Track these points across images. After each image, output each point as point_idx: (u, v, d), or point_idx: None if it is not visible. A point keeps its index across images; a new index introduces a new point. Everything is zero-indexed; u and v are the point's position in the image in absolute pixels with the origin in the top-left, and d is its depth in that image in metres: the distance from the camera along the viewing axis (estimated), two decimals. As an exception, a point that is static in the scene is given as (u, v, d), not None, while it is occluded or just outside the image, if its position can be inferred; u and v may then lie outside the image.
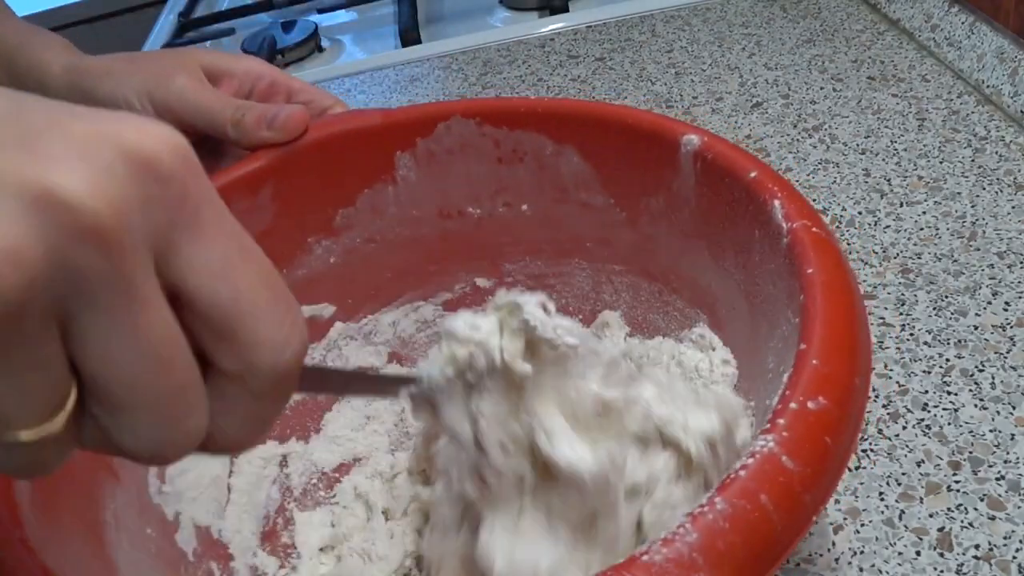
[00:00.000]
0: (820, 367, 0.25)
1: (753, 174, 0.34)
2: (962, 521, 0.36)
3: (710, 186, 0.37)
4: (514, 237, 0.45)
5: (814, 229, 0.31)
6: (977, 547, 0.35)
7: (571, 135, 0.42)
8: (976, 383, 0.42)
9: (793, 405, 0.24)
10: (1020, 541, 0.35)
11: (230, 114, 0.41)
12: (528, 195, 0.44)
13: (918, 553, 0.35)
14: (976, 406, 0.41)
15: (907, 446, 0.40)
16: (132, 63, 0.42)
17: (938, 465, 0.39)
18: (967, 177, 0.55)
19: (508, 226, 0.45)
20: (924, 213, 0.53)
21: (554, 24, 0.83)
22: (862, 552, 0.36)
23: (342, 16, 0.99)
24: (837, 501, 0.38)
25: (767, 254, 0.33)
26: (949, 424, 0.40)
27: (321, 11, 0.97)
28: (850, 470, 0.39)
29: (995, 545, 0.35)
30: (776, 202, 0.32)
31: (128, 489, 0.33)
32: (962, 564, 0.35)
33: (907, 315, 0.46)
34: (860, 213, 0.54)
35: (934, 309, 0.46)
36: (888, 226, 0.52)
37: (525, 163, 0.43)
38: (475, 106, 0.43)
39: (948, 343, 0.44)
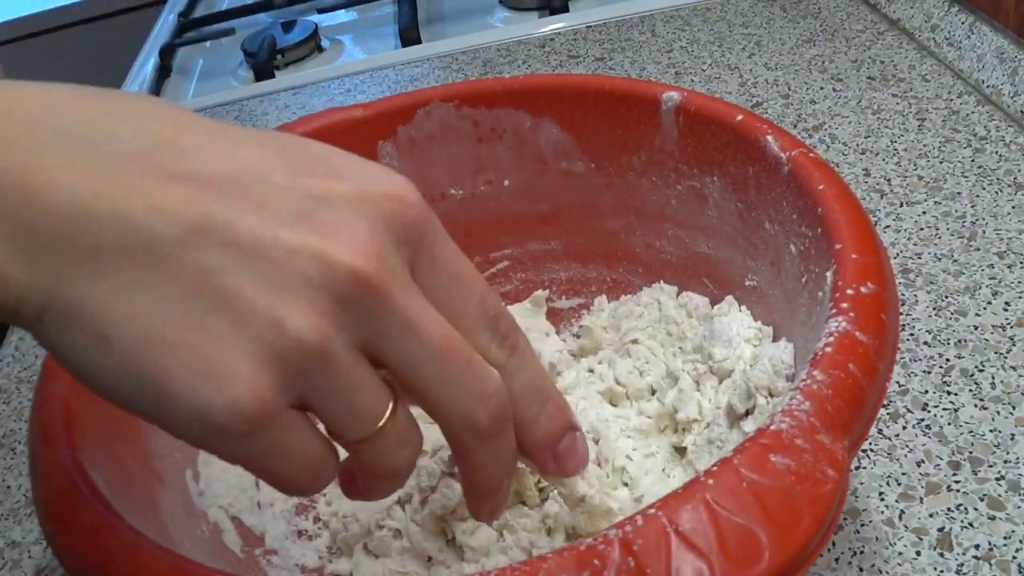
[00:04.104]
0: (859, 259, 0.29)
1: (739, 117, 0.37)
2: (962, 521, 0.36)
3: (694, 137, 0.39)
4: (497, 214, 0.46)
5: (811, 155, 0.34)
6: (977, 547, 0.35)
7: (549, 108, 0.43)
8: (976, 383, 0.42)
9: (850, 291, 0.27)
10: (1020, 541, 0.35)
11: None
12: (509, 171, 0.45)
13: (918, 553, 0.35)
14: (976, 406, 0.41)
15: (907, 446, 0.40)
16: None
17: (938, 465, 0.39)
18: (967, 177, 0.55)
19: (491, 204, 0.46)
20: (924, 213, 0.53)
21: (554, 24, 0.83)
22: (862, 552, 0.36)
23: (342, 16, 0.99)
24: (837, 501, 0.38)
25: (765, 186, 0.36)
26: (949, 424, 0.40)
27: (321, 11, 0.97)
28: (850, 470, 0.39)
29: (995, 545, 0.35)
30: (769, 137, 0.35)
31: (173, 492, 0.34)
32: (962, 564, 0.35)
33: (907, 315, 0.46)
34: (860, 213, 0.54)
35: (934, 309, 0.46)
36: (888, 226, 0.52)
37: (504, 140, 0.44)
38: (453, 90, 0.44)
39: (948, 343, 0.44)
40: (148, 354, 0.20)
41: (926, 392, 0.42)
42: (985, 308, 0.46)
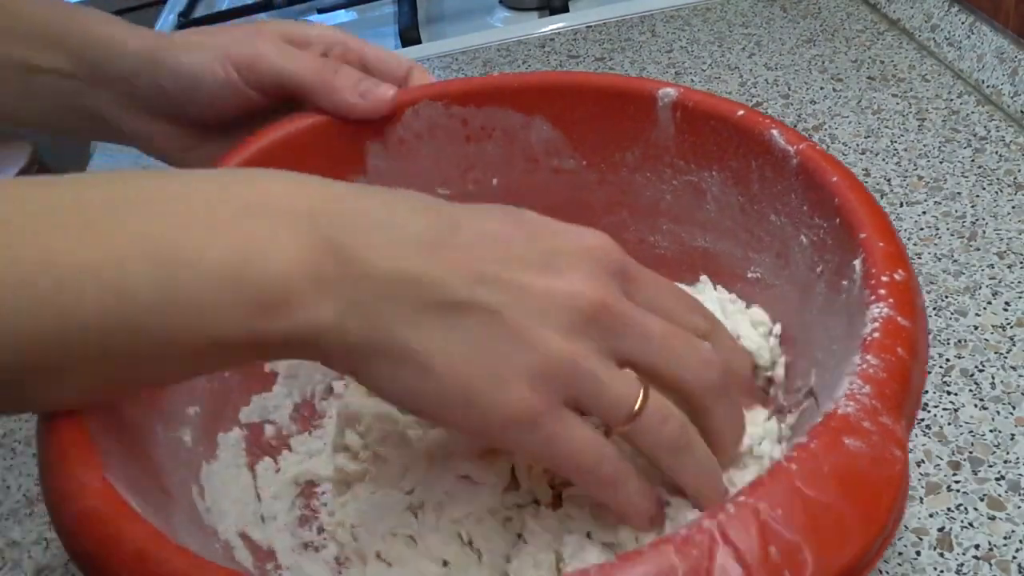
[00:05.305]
0: (886, 247, 0.29)
1: (741, 112, 0.37)
2: (962, 521, 0.36)
3: (692, 132, 0.39)
4: None
5: (818, 147, 0.34)
6: (977, 547, 0.35)
7: (540, 106, 0.43)
8: (976, 383, 0.42)
9: (884, 278, 0.28)
10: (1020, 541, 0.35)
11: (316, 75, 0.41)
12: (498, 169, 0.45)
13: (918, 553, 0.35)
14: (976, 406, 0.41)
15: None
16: (210, 35, 0.42)
17: (938, 465, 0.39)
18: (967, 177, 0.55)
19: (479, 203, 0.45)
20: (924, 213, 0.53)
21: (554, 24, 0.83)
22: (862, 552, 0.36)
23: (342, 16, 0.99)
24: (837, 501, 0.38)
25: (770, 179, 0.36)
26: (949, 424, 0.40)
27: (321, 11, 0.97)
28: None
29: (995, 545, 0.35)
30: (774, 131, 0.35)
31: (182, 509, 0.33)
32: (962, 564, 0.35)
33: (907, 315, 0.46)
34: (860, 213, 0.54)
35: (934, 309, 0.46)
36: (888, 226, 0.52)
37: (494, 139, 0.44)
38: (442, 88, 0.44)
39: (948, 343, 0.44)
40: (460, 377, 0.27)
41: (926, 392, 0.42)
42: (985, 308, 0.46)
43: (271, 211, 0.26)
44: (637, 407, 0.28)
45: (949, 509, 0.37)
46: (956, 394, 0.42)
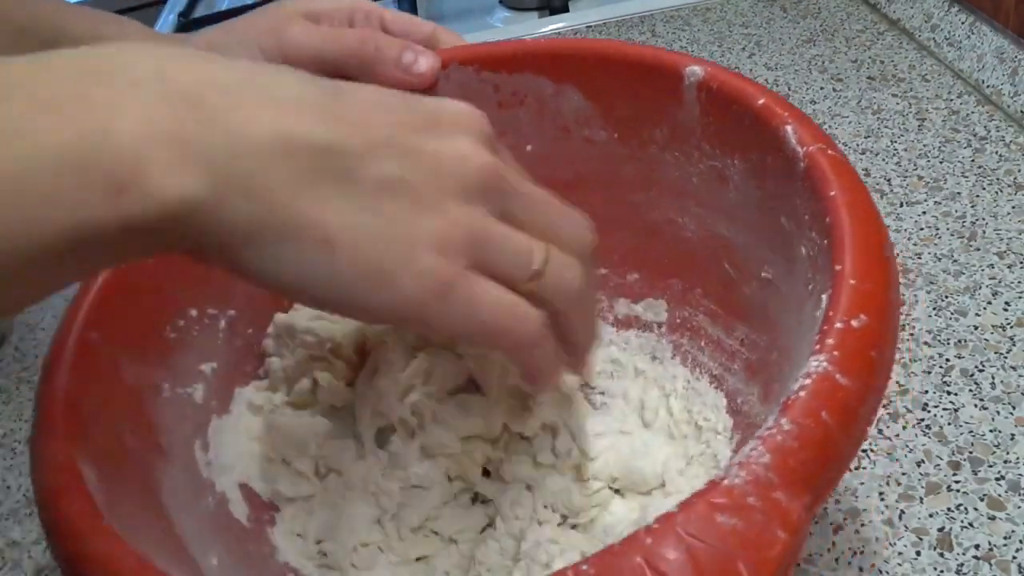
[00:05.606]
0: (858, 285, 0.26)
1: (761, 100, 0.35)
2: (962, 521, 0.36)
3: (716, 116, 0.37)
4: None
5: (829, 152, 0.31)
6: (977, 547, 0.35)
7: (571, 74, 0.42)
8: (976, 383, 0.42)
9: (839, 325, 0.25)
10: (1020, 541, 0.35)
11: (358, 49, 0.40)
12: (530, 136, 0.44)
13: (918, 553, 0.35)
14: (976, 406, 0.41)
15: (907, 446, 0.40)
16: (232, 32, 0.41)
17: (938, 465, 0.39)
18: (967, 177, 0.55)
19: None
20: (924, 213, 0.53)
21: (554, 24, 0.83)
22: (862, 552, 0.36)
23: (342, 16, 0.99)
24: (837, 501, 0.38)
25: (781, 179, 0.34)
26: (949, 424, 0.40)
27: (321, 11, 0.97)
28: (850, 470, 0.39)
29: (995, 545, 0.35)
30: (788, 127, 0.33)
31: (178, 466, 0.33)
32: (962, 564, 0.35)
33: (907, 315, 0.46)
34: (860, 213, 0.54)
35: (934, 309, 0.46)
36: (888, 226, 0.52)
37: (526, 105, 0.43)
38: (473, 52, 0.43)
39: (948, 343, 0.44)
40: (370, 252, 0.25)
41: (926, 392, 0.42)
42: (985, 308, 0.46)
43: (115, 80, 0.23)
44: (544, 259, 0.28)
45: (949, 509, 0.37)
46: (956, 394, 0.42)
